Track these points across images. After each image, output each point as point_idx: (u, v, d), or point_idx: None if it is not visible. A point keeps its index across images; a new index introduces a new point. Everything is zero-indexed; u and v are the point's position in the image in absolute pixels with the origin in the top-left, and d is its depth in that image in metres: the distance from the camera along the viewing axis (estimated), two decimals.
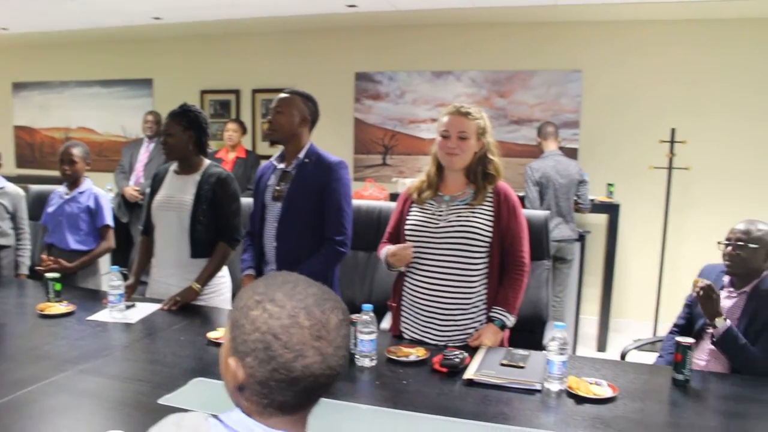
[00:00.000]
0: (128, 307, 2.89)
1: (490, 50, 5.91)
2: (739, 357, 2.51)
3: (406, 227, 2.61)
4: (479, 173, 2.56)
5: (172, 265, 3.13)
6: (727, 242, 2.66)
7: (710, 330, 2.59)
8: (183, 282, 3.04)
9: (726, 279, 2.74)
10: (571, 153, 5.59)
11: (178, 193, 3.13)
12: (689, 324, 2.81)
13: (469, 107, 2.57)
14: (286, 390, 1.05)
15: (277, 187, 2.88)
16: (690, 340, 2.24)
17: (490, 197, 2.56)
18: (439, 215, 2.55)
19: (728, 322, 2.50)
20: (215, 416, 1.10)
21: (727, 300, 2.67)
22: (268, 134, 2.90)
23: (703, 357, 2.67)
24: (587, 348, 5.34)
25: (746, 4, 4.93)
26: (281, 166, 2.92)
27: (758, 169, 5.37)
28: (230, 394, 1.12)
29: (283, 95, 2.88)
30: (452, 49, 6.01)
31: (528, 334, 2.98)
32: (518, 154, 5.73)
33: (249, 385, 1.07)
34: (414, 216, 2.61)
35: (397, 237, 2.68)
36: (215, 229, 3.12)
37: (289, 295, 1.07)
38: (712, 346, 2.63)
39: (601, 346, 5.34)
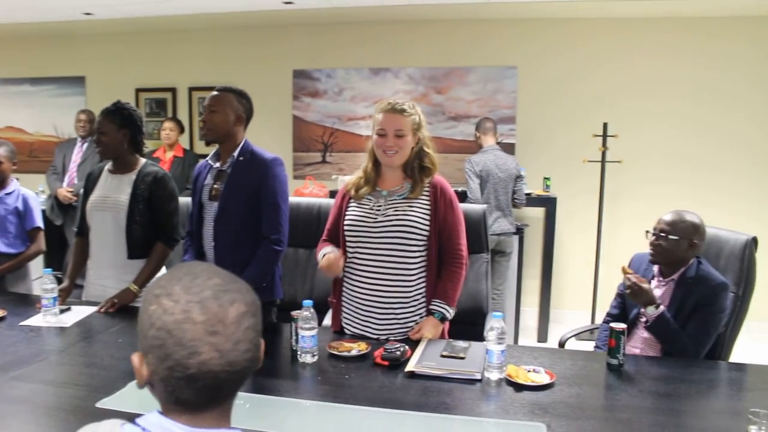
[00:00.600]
0: (63, 311, 2.82)
1: (427, 47, 5.96)
2: (671, 341, 2.61)
3: (345, 223, 2.62)
4: (416, 167, 2.58)
5: (108, 267, 3.07)
6: (652, 232, 2.75)
7: (643, 317, 2.68)
8: (120, 284, 2.98)
9: (656, 268, 2.84)
10: (509, 148, 5.69)
11: (114, 192, 3.06)
12: (623, 313, 2.90)
13: (403, 103, 2.58)
14: (186, 388, 1.00)
15: (214, 186, 2.85)
16: (623, 325, 2.32)
17: (427, 191, 2.59)
18: (378, 210, 2.57)
19: (661, 308, 2.60)
20: (132, 421, 1.04)
21: (656, 289, 2.76)
22: (204, 134, 2.85)
23: (637, 345, 2.76)
24: (528, 339, 5.45)
25: (673, 3, 5.11)
26: (217, 165, 2.88)
27: (686, 161, 5.60)
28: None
29: (215, 93, 2.83)
30: (390, 46, 6.03)
31: (469, 326, 3.02)
32: (456, 149, 5.80)
33: (155, 382, 1.02)
34: (352, 212, 2.62)
35: (336, 234, 2.69)
36: (153, 230, 3.07)
37: (186, 288, 1.01)
38: (646, 334, 2.73)
39: (542, 337, 5.45)
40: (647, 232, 2.78)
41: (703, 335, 2.59)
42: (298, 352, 2.31)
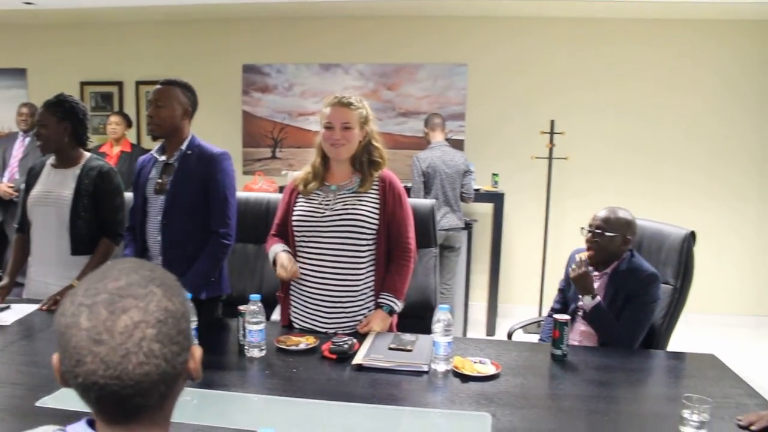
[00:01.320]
0: (2, 309, 2.75)
1: (377, 43, 5.99)
2: (606, 331, 2.70)
3: (294, 218, 2.61)
4: (365, 161, 2.60)
5: (51, 264, 3.00)
6: (588, 229, 2.82)
7: (581, 302, 2.76)
8: (63, 281, 2.92)
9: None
10: (458, 144, 5.76)
11: (57, 187, 2.99)
12: (564, 308, 2.97)
13: (350, 97, 2.59)
14: (85, 398, 0.91)
15: (159, 180, 2.80)
16: (566, 317, 2.39)
17: (376, 185, 2.60)
18: (326, 205, 2.57)
19: (598, 298, 2.67)
20: (63, 429, 0.96)
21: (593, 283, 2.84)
22: (151, 129, 2.79)
23: (576, 337, 2.84)
24: (477, 333, 5.51)
25: (620, 5, 5.24)
26: (162, 158, 2.84)
27: (630, 157, 5.78)
28: None
29: (161, 87, 2.78)
30: (340, 41, 6.04)
31: (417, 319, 3.04)
32: (406, 146, 5.83)
33: (71, 385, 0.93)
34: (301, 207, 2.62)
35: (284, 229, 2.68)
36: (97, 225, 3.01)
37: (86, 288, 0.92)
38: (584, 327, 2.81)
39: (490, 331, 5.52)
40: (582, 229, 2.85)
41: (636, 325, 2.68)
42: (246, 347, 2.30)
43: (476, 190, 5.38)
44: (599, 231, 2.76)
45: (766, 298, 5.89)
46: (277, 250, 2.61)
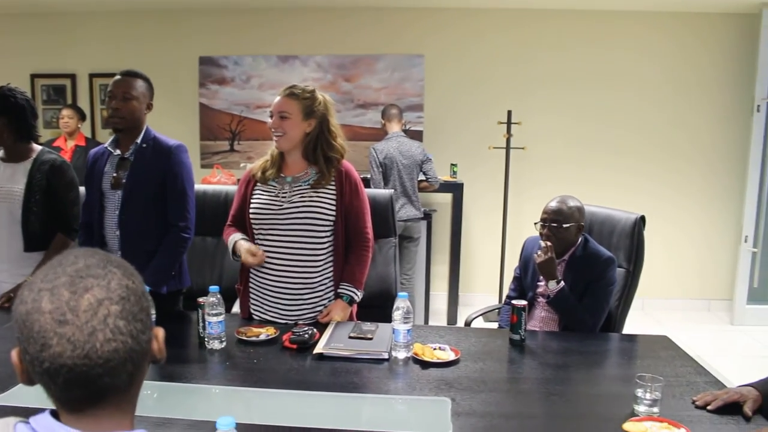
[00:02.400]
0: None
1: (335, 35, 5.97)
2: (569, 315, 2.75)
3: (251, 209, 2.60)
4: (320, 156, 2.58)
5: (3, 261, 2.93)
6: (542, 223, 2.85)
7: (541, 289, 2.81)
8: (16, 278, 2.86)
9: None
10: (417, 135, 5.79)
11: (7, 182, 2.93)
12: (521, 295, 3.01)
13: (303, 87, 2.59)
14: (52, 385, 0.90)
15: (115, 175, 2.75)
16: (523, 302, 2.43)
17: (333, 176, 2.60)
18: (283, 197, 2.56)
19: (562, 283, 2.72)
20: (25, 421, 0.94)
21: None
22: (116, 122, 2.72)
23: (535, 324, 2.89)
24: (438, 323, 5.55)
25: None
26: (117, 152, 2.79)
27: (585, 146, 5.90)
28: None
29: (126, 79, 2.72)
30: (297, 33, 6.00)
31: (379, 309, 3.06)
32: (365, 137, 5.84)
33: (33, 379, 0.93)
34: (258, 198, 2.61)
35: (241, 219, 2.67)
36: (51, 220, 2.95)
37: (44, 275, 0.91)
38: (543, 313, 2.86)
39: (452, 320, 5.58)
40: (536, 224, 2.89)
41: (597, 308, 2.74)
42: (206, 339, 2.29)
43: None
44: (555, 225, 2.80)
45: (716, 282, 6.07)
46: (236, 238, 2.61)
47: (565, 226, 2.78)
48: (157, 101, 2.88)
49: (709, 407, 1.88)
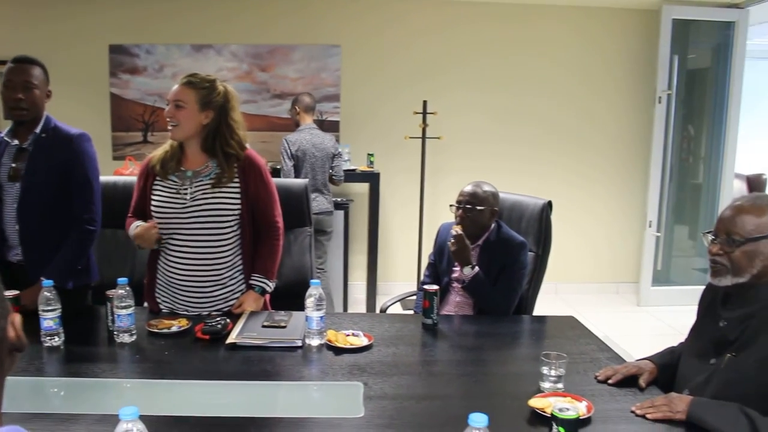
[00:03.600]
0: None
1: (250, 24, 5.88)
2: (484, 299, 2.82)
3: (153, 205, 2.53)
4: (219, 151, 2.51)
5: None
6: (457, 205, 2.92)
7: (456, 274, 2.88)
8: None
9: None
10: (333, 125, 5.80)
11: None
12: (436, 281, 3.06)
13: (202, 77, 2.54)
14: None
15: (13, 165, 2.63)
16: (435, 287, 2.49)
17: (235, 167, 2.54)
18: (185, 192, 2.50)
19: (476, 268, 2.79)
20: None
21: None
22: (22, 114, 2.59)
23: (451, 309, 2.95)
24: (357, 312, 5.59)
25: None
26: (15, 142, 2.65)
27: (499, 135, 6.05)
28: None
29: (23, 66, 2.59)
30: (212, 22, 5.88)
31: (295, 298, 3.06)
32: (281, 128, 5.78)
33: None
34: (159, 193, 2.54)
35: (142, 211, 2.61)
36: None
37: None
38: (458, 298, 2.93)
39: (371, 310, 5.60)
40: (451, 206, 2.95)
41: (511, 291, 2.83)
42: (116, 333, 2.24)
43: (352, 170, 5.42)
44: (469, 206, 2.86)
45: (624, 266, 6.35)
46: (136, 224, 2.54)
47: (479, 208, 2.84)
48: (66, 90, 2.79)
49: (609, 381, 1.97)
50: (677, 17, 5.70)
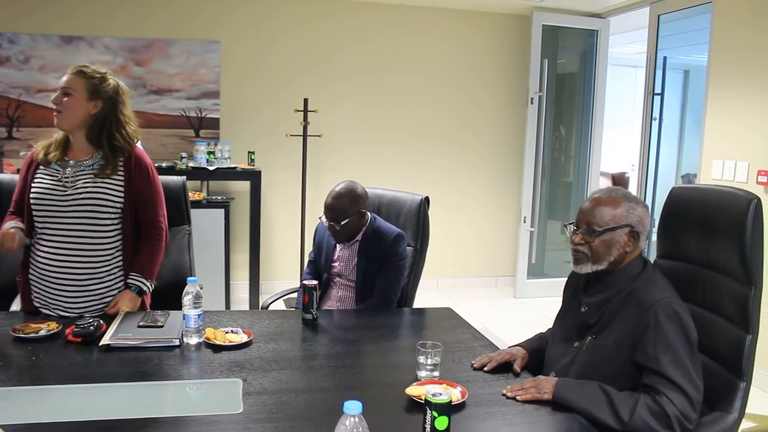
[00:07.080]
0: None
1: (124, 16, 5.66)
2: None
3: (32, 194, 2.45)
4: (105, 142, 2.48)
5: None
6: (327, 223, 2.91)
7: (336, 269, 2.94)
8: None
9: None
10: (213, 123, 5.70)
11: None
12: (317, 278, 3.10)
13: (95, 69, 2.53)
14: None
15: None
16: (314, 282, 2.52)
17: (121, 161, 2.51)
18: (66, 182, 2.44)
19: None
20: None
21: (344, 250, 3.02)
22: None
23: (333, 304, 3.00)
24: None
25: None
26: None
27: (379, 133, 6.16)
28: None
29: None
30: (82, 12, 5.61)
31: (174, 299, 3.00)
32: (160, 124, 5.63)
33: None
34: (40, 182, 2.46)
35: (22, 203, 2.51)
36: None
37: None
38: (340, 293, 2.98)
39: (254, 308, 5.55)
40: (320, 218, 2.96)
41: (393, 282, 2.90)
42: None
43: (233, 168, 5.35)
44: (333, 223, 2.87)
45: (501, 260, 6.63)
46: (8, 226, 2.43)
47: (343, 222, 2.85)
48: None
49: (485, 369, 2.07)
50: (547, 23, 6.02)
